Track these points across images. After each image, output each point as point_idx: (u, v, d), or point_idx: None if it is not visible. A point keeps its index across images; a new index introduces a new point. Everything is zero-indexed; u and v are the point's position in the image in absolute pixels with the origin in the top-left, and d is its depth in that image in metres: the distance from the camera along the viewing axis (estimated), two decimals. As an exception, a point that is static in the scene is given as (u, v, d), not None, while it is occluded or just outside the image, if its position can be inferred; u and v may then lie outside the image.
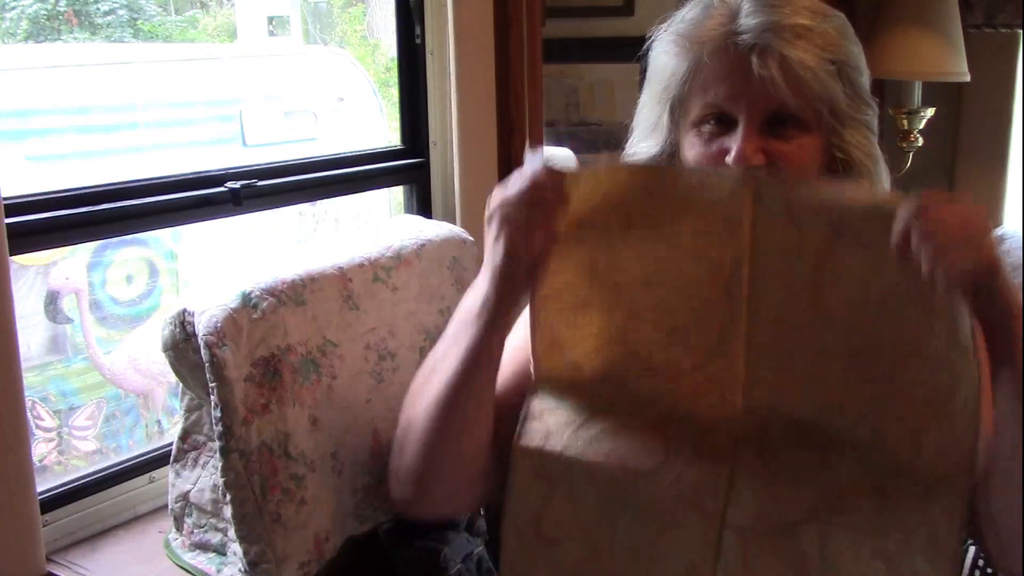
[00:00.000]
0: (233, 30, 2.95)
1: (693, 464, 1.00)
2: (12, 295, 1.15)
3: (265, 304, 1.21)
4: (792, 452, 1.00)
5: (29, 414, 1.19)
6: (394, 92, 2.00)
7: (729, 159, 0.99)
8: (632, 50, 1.11)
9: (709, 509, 0.99)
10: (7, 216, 1.17)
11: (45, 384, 2.18)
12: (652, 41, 1.08)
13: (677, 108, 1.04)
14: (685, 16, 1.05)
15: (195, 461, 1.31)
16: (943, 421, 0.95)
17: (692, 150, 1.04)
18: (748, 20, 0.99)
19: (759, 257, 0.98)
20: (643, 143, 1.09)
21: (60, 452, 2.15)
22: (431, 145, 1.91)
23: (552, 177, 0.93)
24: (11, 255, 1.17)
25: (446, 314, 1.49)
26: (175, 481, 1.33)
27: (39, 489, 1.25)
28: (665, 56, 1.04)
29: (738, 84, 0.99)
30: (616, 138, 1.13)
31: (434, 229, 1.55)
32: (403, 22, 1.87)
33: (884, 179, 1.07)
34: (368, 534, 1.34)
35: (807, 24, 0.99)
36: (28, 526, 1.19)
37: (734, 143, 1.00)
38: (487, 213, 0.96)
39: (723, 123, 1.01)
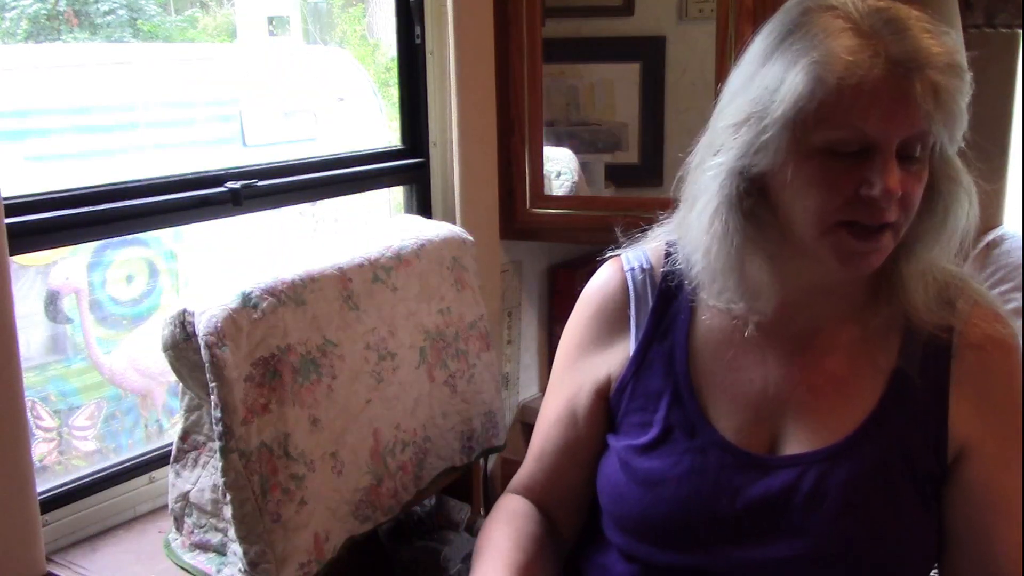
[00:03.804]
0: (233, 30, 2.94)
1: None
2: (12, 295, 1.15)
3: (265, 304, 1.21)
4: None
5: (29, 414, 1.19)
6: (394, 92, 1.99)
7: (873, 192, 0.93)
8: (632, 50, 1.09)
9: None
10: (7, 216, 1.17)
11: (45, 384, 2.17)
12: (745, 54, 1.01)
13: (798, 129, 0.95)
14: (796, 30, 0.97)
15: (195, 461, 1.31)
16: None
17: (812, 183, 0.96)
18: (896, 45, 0.93)
19: None
20: (739, 161, 0.99)
21: (60, 452, 2.15)
22: (431, 145, 1.91)
23: None
24: (11, 255, 1.17)
25: (446, 314, 1.49)
26: (175, 481, 1.33)
27: (39, 489, 1.25)
28: (786, 74, 0.95)
29: (889, 112, 0.93)
30: (616, 137, 1.11)
31: (434, 229, 1.55)
32: (403, 22, 1.87)
33: (975, 204, 1.03)
34: (368, 534, 1.34)
35: (951, 51, 0.96)
36: (28, 526, 1.19)
37: (874, 175, 0.94)
38: None
39: (853, 151, 0.95)
